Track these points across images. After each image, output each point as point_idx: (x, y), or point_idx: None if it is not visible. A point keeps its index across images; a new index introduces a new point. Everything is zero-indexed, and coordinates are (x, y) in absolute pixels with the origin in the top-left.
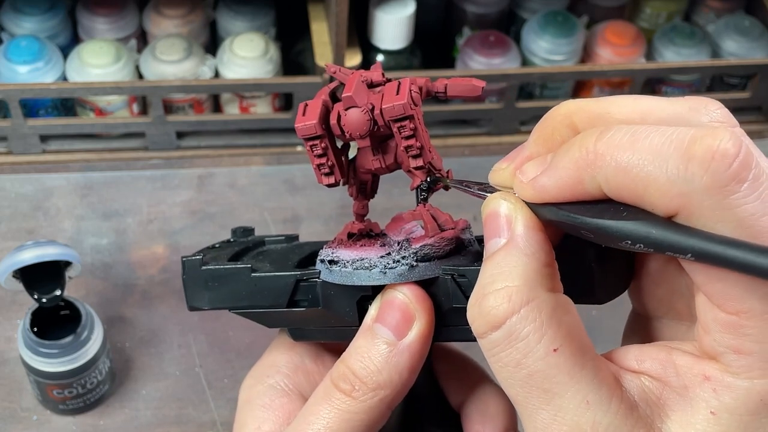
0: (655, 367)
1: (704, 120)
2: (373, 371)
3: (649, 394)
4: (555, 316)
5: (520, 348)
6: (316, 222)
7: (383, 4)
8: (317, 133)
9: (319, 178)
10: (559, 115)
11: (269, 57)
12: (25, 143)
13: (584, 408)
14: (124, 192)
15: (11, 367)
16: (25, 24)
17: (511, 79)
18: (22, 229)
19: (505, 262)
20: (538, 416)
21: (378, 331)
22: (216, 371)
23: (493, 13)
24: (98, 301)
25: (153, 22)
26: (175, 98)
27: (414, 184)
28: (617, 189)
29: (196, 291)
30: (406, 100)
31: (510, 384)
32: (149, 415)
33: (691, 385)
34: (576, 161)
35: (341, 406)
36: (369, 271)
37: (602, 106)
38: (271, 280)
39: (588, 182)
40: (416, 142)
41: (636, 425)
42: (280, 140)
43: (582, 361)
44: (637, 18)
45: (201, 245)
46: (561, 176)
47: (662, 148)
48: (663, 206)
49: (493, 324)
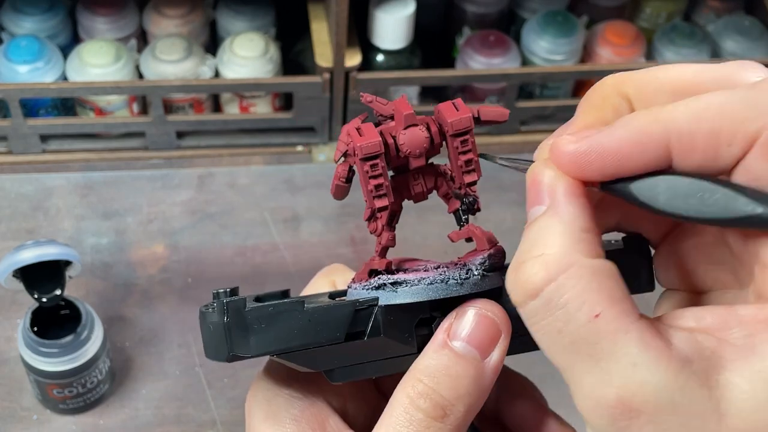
0: (715, 322)
1: (752, 77)
2: (463, 394)
3: (704, 349)
4: (595, 282)
5: (559, 316)
6: (316, 222)
7: (383, 4)
8: (382, 150)
9: (371, 202)
10: (608, 85)
11: (269, 57)
12: (25, 143)
13: (631, 371)
14: (124, 192)
15: (11, 367)
16: (25, 24)
17: (511, 79)
18: (22, 229)
19: (543, 229)
20: (585, 381)
21: (461, 348)
22: (216, 371)
23: (493, 13)
24: (98, 301)
25: (153, 22)
26: (175, 98)
27: (452, 207)
28: (690, 138)
29: (239, 337)
30: (470, 114)
31: (553, 351)
32: (149, 415)
33: (755, 332)
34: (648, 117)
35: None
36: (445, 284)
37: (650, 73)
38: (327, 312)
39: (656, 138)
40: (474, 155)
41: (688, 381)
42: (280, 140)
43: (626, 325)
44: (637, 18)
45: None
46: (624, 133)
47: (734, 91)
48: (744, 134)
49: (530, 293)
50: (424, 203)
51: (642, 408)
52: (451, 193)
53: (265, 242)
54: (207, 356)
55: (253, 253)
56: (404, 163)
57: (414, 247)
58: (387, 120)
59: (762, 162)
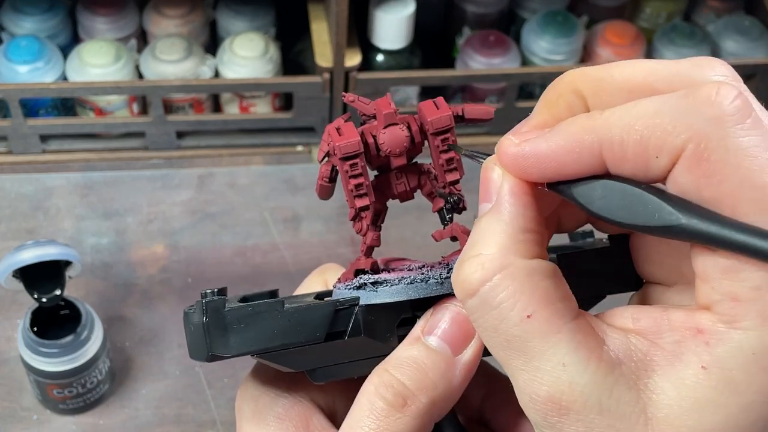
0: (649, 325)
1: (709, 75)
2: (428, 386)
3: (635, 351)
4: (529, 283)
5: (494, 315)
6: (316, 222)
7: (383, 4)
8: (361, 150)
9: (352, 201)
10: (564, 82)
11: (269, 57)
12: (25, 143)
13: (561, 370)
14: (124, 192)
15: (11, 367)
16: (25, 24)
17: (511, 79)
18: (22, 229)
19: (484, 229)
20: (520, 377)
21: (433, 343)
22: (216, 371)
23: (493, 13)
24: (98, 301)
25: (153, 21)
26: (175, 98)
27: (436, 205)
28: (621, 148)
29: (218, 337)
30: (450, 112)
31: (492, 346)
32: (149, 415)
33: (683, 339)
34: (582, 125)
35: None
36: (425, 284)
37: (605, 70)
38: (307, 312)
39: (588, 146)
40: (456, 154)
41: (617, 383)
42: (280, 140)
43: (558, 326)
44: (637, 18)
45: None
46: (559, 140)
47: (667, 99)
48: (670, 146)
49: (468, 291)
50: (425, 203)
51: (570, 407)
52: (435, 192)
53: (265, 242)
54: (190, 357)
55: (253, 253)
56: (386, 163)
57: (414, 247)
58: (371, 119)
59: (686, 175)
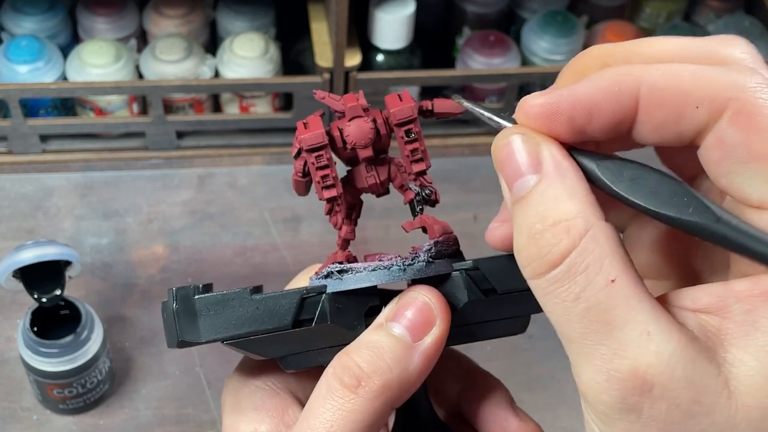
0: (712, 301)
1: (736, 53)
2: (382, 368)
3: (708, 327)
4: (610, 245)
5: (579, 281)
6: (316, 222)
7: (383, 4)
8: (325, 141)
9: (320, 193)
10: (591, 56)
11: (269, 57)
12: (25, 143)
13: (645, 339)
14: (124, 192)
15: (11, 367)
16: (25, 24)
17: (511, 79)
18: (22, 229)
19: (549, 197)
20: (597, 352)
21: (393, 328)
22: (216, 371)
23: (493, 13)
24: (98, 301)
25: (153, 21)
26: (175, 98)
27: (407, 197)
28: (660, 93)
29: (188, 324)
30: (413, 103)
31: (566, 321)
32: (149, 415)
33: (753, 308)
34: (622, 69)
35: (345, 405)
36: (388, 270)
37: (635, 46)
38: (274, 300)
39: (627, 86)
40: (420, 145)
41: (699, 355)
42: (280, 140)
43: (640, 292)
44: (637, 18)
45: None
46: (598, 82)
47: (704, 65)
48: (715, 99)
49: (553, 261)
50: None
51: (655, 380)
52: (406, 185)
53: (265, 242)
54: (168, 345)
55: (253, 253)
56: (355, 156)
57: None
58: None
59: (734, 129)
